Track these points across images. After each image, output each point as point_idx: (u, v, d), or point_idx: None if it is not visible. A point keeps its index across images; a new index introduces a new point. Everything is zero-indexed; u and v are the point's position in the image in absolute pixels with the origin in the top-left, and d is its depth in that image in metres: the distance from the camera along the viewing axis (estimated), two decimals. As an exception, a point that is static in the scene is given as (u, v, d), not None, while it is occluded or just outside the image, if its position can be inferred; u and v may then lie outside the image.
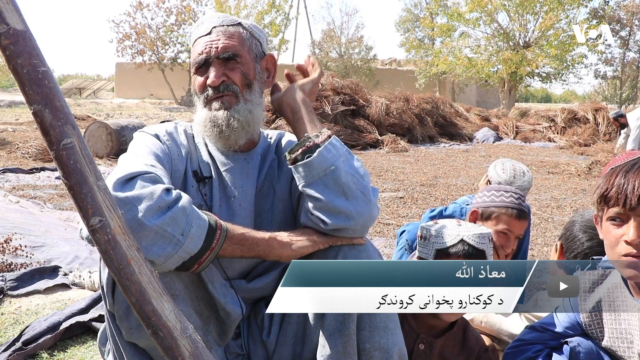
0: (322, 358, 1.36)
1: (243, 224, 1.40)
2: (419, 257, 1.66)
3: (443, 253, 1.59)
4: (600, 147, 11.97)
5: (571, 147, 12.41)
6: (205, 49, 1.47)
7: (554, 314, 1.55)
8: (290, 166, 1.42)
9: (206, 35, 1.48)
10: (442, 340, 1.66)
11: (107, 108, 22.62)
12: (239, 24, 1.52)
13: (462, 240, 1.57)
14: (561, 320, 1.54)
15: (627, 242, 1.28)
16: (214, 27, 1.49)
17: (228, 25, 1.49)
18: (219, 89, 1.47)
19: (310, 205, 1.40)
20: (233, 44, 1.47)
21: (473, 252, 1.57)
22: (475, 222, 2.01)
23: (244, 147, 1.55)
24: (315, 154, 1.37)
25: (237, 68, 1.48)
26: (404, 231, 2.46)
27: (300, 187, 1.41)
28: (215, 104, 1.48)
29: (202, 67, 1.49)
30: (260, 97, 1.53)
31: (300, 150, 1.40)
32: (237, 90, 1.48)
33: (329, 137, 1.42)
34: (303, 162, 1.38)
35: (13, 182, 6.37)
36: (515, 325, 1.86)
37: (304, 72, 1.60)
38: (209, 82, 1.46)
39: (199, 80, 1.50)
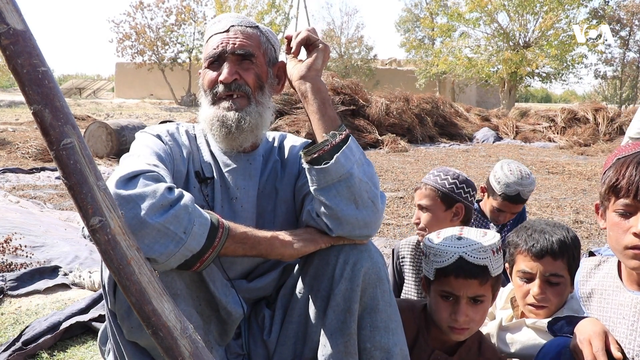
0: (323, 357, 1.36)
1: (244, 225, 1.40)
2: (424, 275, 1.57)
3: (442, 272, 1.48)
4: (600, 147, 11.97)
5: (571, 147, 12.39)
6: (222, 43, 1.46)
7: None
8: (305, 166, 1.37)
9: (223, 32, 1.48)
10: (457, 357, 1.57)
11: (107, 108, 22.64)
12: (257, 27, 1.52)
13: (460, 258, 1.46)
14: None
15: (635, 234, 1.27)
16: (232, 25, 1.49)
17: (246, 26, 1.50)
18: (230, 87, 1.46)
19: (319, 209, 1.37)
20: (250, 43, 1.47)
21: (473, 270, 1.45)
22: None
23: (247, 148, 1.55)
24: (332, 161, 1.32)
25: (251, 68, 1.47)
26: None
27: (312, 190, 1.38)
28: (225, 104, 1.46)
29: (215, 63, 1.48)
30: (270, 101, 1.52)
31: (317, 154, 1.34)
32: (249, 91, 1.47)
33: (347, 137, 1.36)
34: (320, 167, 1.33)
35: (13, 182, 6.37)
36: (526, 335, 1.82)
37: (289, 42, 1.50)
38: (221, 78, 1.45)
39: (209, 75, 1.49)
